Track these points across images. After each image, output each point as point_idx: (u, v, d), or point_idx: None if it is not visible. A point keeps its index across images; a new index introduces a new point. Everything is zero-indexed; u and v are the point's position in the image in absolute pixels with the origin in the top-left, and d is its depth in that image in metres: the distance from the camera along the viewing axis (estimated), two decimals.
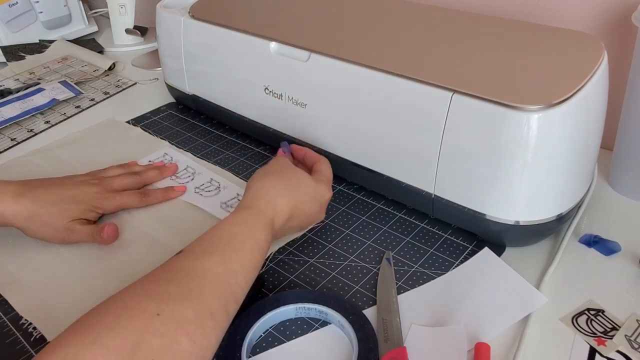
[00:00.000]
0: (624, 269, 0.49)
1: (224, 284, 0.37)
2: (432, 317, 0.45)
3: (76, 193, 0.54)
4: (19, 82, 0.91)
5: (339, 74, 0.54)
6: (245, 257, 0.40)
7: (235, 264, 0.39)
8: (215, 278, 0.37)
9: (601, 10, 0.62)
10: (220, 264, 0.38)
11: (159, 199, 0.59)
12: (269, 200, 0.45)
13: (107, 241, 0.53)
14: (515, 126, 0.44)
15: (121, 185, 0.58)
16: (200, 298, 0.35)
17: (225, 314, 0.37)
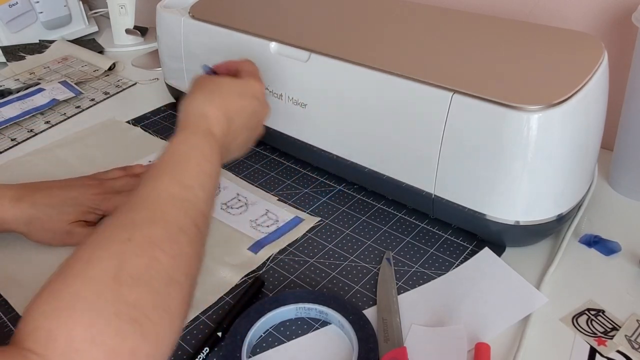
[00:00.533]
0: (624, 269, 0.49)
1: (183, 200, 0.38)
2: (432, 317, 0.45)
3: (75, 195, 0.53)
4: (19, 82, 0.91)
5: (339, 74, 0.54)
6: (194, 170, 0.40)
7: (187, 179, 0.39)
8: (172, 196, 0.37)
9: (601, 10, 0.62)
10: (173, 183, 0.38)
11: None
12: (197, 113, 0.45)
13: None
14: (515, 126, 0.44)
15: (122, 187, 0.58)
16: (164, 217, 0.36)
17: (195, 228, 0.37)
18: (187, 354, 0.43)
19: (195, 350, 0.42)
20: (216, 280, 0.49)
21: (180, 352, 0.43)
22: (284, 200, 0.60)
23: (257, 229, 0.55)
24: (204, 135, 0.43)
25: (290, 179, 0.63)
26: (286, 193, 0.61)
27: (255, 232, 0.55)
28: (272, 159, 0.67)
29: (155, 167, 0.40)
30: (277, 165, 0.66)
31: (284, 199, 0.60)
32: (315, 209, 0.58)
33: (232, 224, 0.56)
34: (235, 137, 0.47)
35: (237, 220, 0.57)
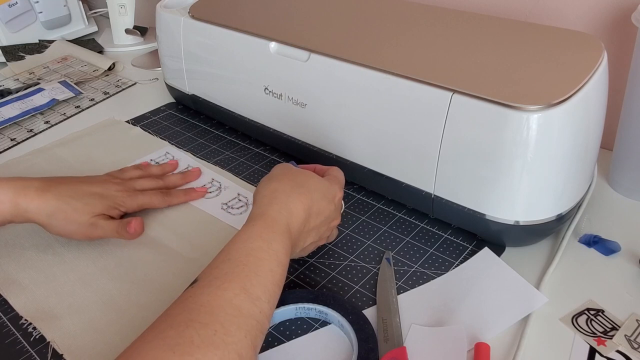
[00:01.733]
0: (623, 269, 0.49)
1: (249, 317, 0.34)
2: (432, 317, 0.45)
3: (100, 190, 0.53)
4: (18, 82, 0.91)
5: (338, 74, 0.54)
6: (266, 278, 0.37)
7: (257, 289, 0.36)
8: (239, 311, 0.34)
9: (601, 10, 0.62)
10: (242, 293, 0.35)
11: (181, 199, 0.59)
12: (280, 203, 0.42)
13: (134, 236, 0.53)
14: (515, 126, 0.44)
15: (143, 187, 0.58)
16: (225, 340, 0.32)
17: (252, 350, 0.34)
18: None
19: None
20: None
21: None
22: None
23: None
24: (282, 232, 0.40)
25: None
26: None
27: None
28: (272, 159, 0.67)
29: (223, 264, 0.37)
30: None
31: None
32: None
33: (233, 224, 0.56)
34: (305, 239, 0.45)
35: (237, 220, 0.57)
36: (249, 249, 0.38)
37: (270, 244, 0.39)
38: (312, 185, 0.45)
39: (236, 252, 0.38)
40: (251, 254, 0.38)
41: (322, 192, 0.45)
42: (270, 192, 0.43)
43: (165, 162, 0.67)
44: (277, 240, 0.40)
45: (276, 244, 0.40)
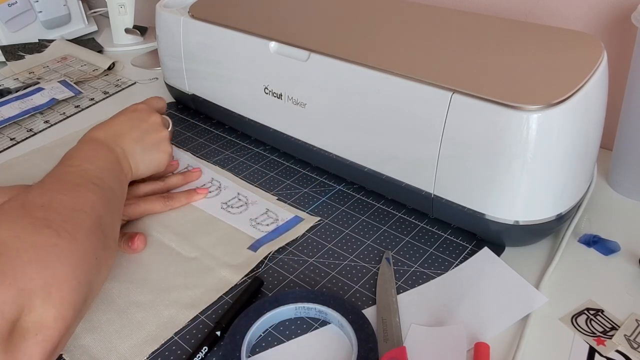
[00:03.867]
0: (623, 268, 0.49)
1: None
2: (431, 316, 0.45)
3: None
4: (18, 81, 0.91)
5: (338, 73, 0.54)
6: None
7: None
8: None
9: (601, 10, 0.62)
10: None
11: (182, 202, 0.59)
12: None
13: (135, 251, 0.53)
14: (515, 126, 0.44)
15: (145, 192, 0.58)
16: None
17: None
18: (186, 354, 0.43)
19: (194, 349, 0.42)
20: (216, 280, 0.49)
21: (179, 352, 0.43)
22: (284, 199, 0.60)
23: (257, 228, 0.55)
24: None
25: (289, 179, 0.63)
26: (286, 193, 0.61)
27: (255, 230, 0.55)
28: (271, 159, 0.67)
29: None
30: (277, 165, 0.66)
31: (284, 199, 0.60)
32: (315, 208, 0.58)
33: (232, 223, 0.56)
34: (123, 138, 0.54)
35: (237, 220, 0.57)
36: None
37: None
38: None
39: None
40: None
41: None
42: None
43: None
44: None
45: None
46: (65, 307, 0.36)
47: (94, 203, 0.43)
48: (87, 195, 0.43)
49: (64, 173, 0.46)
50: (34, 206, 0.39)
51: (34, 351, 0.34)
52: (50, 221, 0.38)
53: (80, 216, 0.41)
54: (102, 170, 0.48)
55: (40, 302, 0.34)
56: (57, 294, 0.35)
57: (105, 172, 0.48)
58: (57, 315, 0.35)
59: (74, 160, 0.48)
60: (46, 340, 0.34)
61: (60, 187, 0.43)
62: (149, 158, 0.56)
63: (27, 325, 0.34)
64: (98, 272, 0.40)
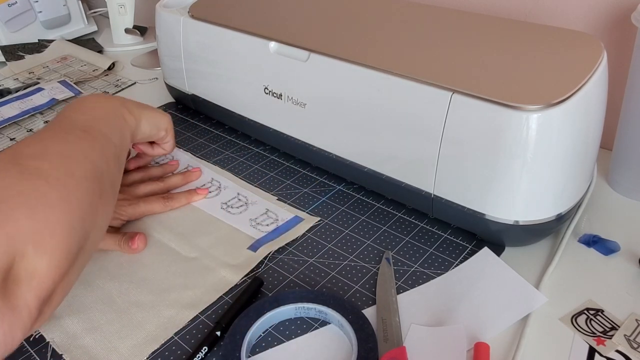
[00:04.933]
0: (623, 268, 0.49)
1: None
2: (431, 316, 0.45)
3: None
4: (18, 81, 0.91)
5: (338, 74, 0.54)
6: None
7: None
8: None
9: (601, 10, 0.62)
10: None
11: (182, 202, 0.59)
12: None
13: (135, 252, 0.52)
14: (515, 126, 0.44)
15: (145, 193, 0.58)
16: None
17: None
18: (186, 354, 0.43)
19: (194, 349, 0.42)
20: (216, 280, 0.49)
21: (179, 352, 0.43)
22: (284, 200, 0.60)
23: (256, 228, 0.55)
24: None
25: (289, 179, 0.63)
26: (286, 193, 0.61)
27: (255, 231, 0.55)
28: (271, 159, 0.67)
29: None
30: (277, 165, 0.66)
31: (284, 199, 0.60)
32: (315, 208, 0.58)
33: (232, 223, 0.56)
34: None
35: (237, 220, 0.57)
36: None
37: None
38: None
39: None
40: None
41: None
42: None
43: (165, 162, 0.67)
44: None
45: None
46: (58, 253, 0.35)
47: (86, 150, 0.43)
48: (79, 143, 0.43)
49: (55, 123, 0.46)
50: (23, 156, 0.39)
51: (28, 297, 0.33)
52: (40, 170, 0.38)
53: (70, 163, 0.40)
54: (96, 119, 0.47)
55: (32, 249, 0.34)
56: (50, 240, 0.35)
57: (101, 122, 0.47)
58: (50, 262, 0.34)
59: (67, 111, 0.48)
60: (41, 286, 0.34)
61: (51, 136, 0.43)
62: (151, 114, 0.55)
63: (19, 272, 0.33)
64: (94, 220, 0.40)
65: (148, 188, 0.59)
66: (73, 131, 0.44)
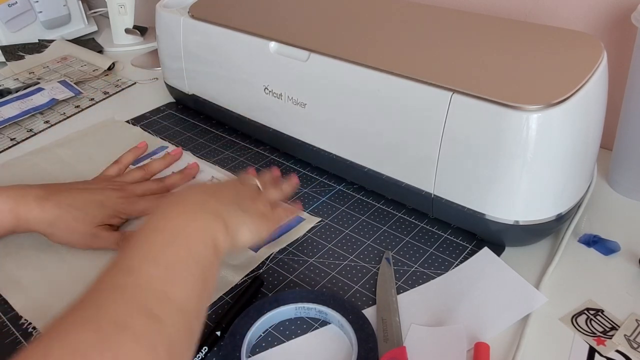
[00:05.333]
0: (623, 268, 0.49)
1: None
2: (431, 316, 0.45)
3: (100, 198, 0.52)
4: (18, 81, 0.91)
5: (338, 74, 0.54)
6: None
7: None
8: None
9: (601, 10, 0.62)
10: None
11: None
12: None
13: None
14: (515, 126, 0.44)
15: (144, 192, 0.57)
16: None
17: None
18: None
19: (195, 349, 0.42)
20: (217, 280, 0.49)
21: None
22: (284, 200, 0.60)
23: None
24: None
25: None
26: None
27: None
28: (271, 159, 0.67)
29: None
30: (277, 165, 0.66)
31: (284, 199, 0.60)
32: (315, 208, 0.58)
33: None
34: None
35: None
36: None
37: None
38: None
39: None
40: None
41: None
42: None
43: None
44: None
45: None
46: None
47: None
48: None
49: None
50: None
51: None
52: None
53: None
54: (174, 272, 0.36)
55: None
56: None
57: (179, 277, 0.36)
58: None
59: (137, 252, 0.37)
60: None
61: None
62: (253, 221, 0.44)
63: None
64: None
65: (147, 186, 0.58)
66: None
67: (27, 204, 0.49)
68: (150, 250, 0.36)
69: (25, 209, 0.49)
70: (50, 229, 0.50)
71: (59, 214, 0.50)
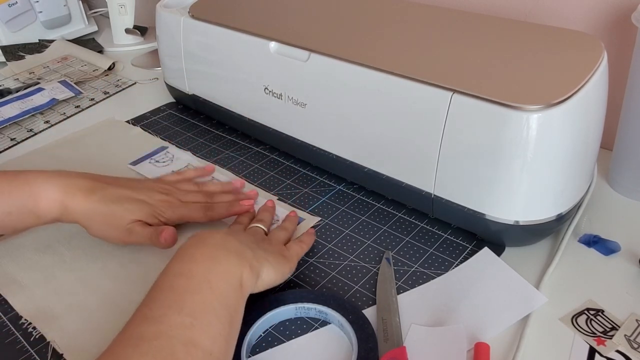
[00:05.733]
0: (623, 268, 0.49)
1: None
2: (431, 316, 0.45)
3: (143, 197, 0.52)
4: (18, 81, 0.91)
5: (339, 74, 0.54)
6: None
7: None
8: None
9: (601, 10, 0.62)
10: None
11: (222, 214, 0.55)
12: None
13: (165, 245, 0.49)
14: (515, 126, 0.44)
15: (189, 200, 0.55)
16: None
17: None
18: None
19: None
20: None
21: None
22: (284, 199, 0.60)
23: None
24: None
25: (290, 179, 0.63)
26: (286, 193, 0.61)
27: None
28: (272, 159, 0.67)
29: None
30: (277, 165, 0.66)
31: (284, 199, 0.60)
32: (315, 208, 0.58)
33: None
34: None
35: None
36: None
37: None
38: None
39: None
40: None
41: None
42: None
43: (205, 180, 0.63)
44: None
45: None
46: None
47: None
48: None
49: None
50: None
51: None
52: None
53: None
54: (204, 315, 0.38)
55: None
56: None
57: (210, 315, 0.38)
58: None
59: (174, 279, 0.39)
60: None
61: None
62: (276, 260, 0.45)
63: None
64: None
65: (194, 197, 0.56)
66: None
67: (75, 195, 0.49)
68: (175, 297, 0.36)
69: (73, 201, 0.49)
70: (90, 221, 0.50)
71: (100, 209, 0.50)
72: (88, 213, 0.50)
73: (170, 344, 0.33)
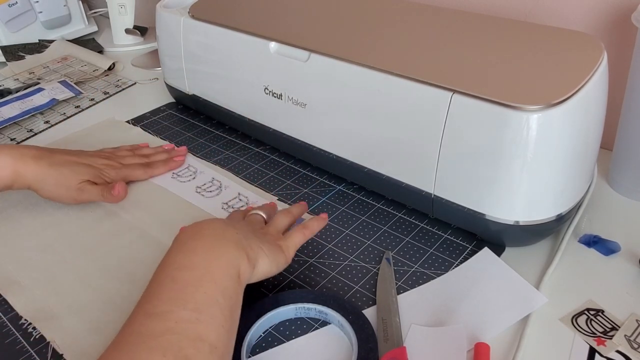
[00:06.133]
0: (623, 269, 0.49)
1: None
2: (431, 317, 0.45)
3: (87, 161, 0.59)
4: (18, 82, 0.91)
5: (339, 74, 0.54)
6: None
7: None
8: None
9: (601, 10, 0.62)
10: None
11: (161, 170, 0.64)
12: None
13: (117, 199, 0.58)
14: (515, 126, 0.44)
15: (129, 162, 0.63)
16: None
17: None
18: None
19: None
20: None
21: None
22: (284, 200, 0.60)
23: None
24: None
25: (290, 179, 0.63)
26: (286, 193, 0.61)
27: None
28: (272, 159, 0.67)
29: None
30: (277, 165, 0.66)
31: (284, 199, 0.60)
32: (315, 208, 0.58)
33: None
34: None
35: None
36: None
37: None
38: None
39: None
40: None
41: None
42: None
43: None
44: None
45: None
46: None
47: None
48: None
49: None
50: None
51: None
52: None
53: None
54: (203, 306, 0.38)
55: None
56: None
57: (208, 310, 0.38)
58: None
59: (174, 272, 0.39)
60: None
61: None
62: (271, 248, 0.45)
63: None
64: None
65: (132, 159, 0.64)
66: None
67: (25, 162, 0.55)
68: (178, 292, 0.36)
69: (24, 166, 0.55)
70: (41, 184, 0.56)
71: (49, 172, 0.56)
72: (39, 176, 0.55)
73: (176, 339, 0.33)
